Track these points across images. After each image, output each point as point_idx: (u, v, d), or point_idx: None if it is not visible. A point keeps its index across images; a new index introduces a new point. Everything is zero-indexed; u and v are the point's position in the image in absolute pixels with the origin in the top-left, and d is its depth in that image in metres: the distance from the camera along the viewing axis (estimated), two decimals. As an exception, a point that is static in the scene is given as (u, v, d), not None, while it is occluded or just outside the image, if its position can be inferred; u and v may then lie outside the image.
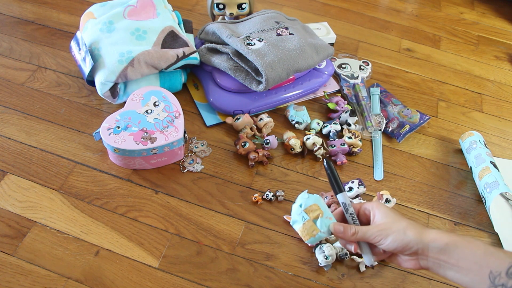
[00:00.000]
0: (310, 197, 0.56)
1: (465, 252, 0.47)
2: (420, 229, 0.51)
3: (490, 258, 0.46)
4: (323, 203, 0.55)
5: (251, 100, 0.85)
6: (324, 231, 0.54)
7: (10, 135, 0.78)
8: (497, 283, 0.44)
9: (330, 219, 0.54)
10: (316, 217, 0.54)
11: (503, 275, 0.44)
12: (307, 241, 0.55)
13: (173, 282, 0.63)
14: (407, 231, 0.50)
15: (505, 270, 0.44)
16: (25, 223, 0.67)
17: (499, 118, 0.98)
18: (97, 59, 0.79)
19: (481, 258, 0.46)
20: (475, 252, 0.47)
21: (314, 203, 0.55)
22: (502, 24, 1.29)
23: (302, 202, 0.55)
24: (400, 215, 0.53)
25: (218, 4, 0.93)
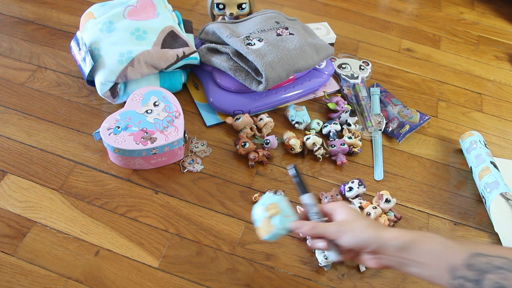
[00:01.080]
0: (272, 197, 0.58)
1: (424, 248, 0.48)
2: (379, 227, 0.52)
3: (449, 252, 0.47)
4: (285, 204, 0.57)
5: (251, 100, 0.85)
6: (280, 228, 0.56)
7: (10, 135, 0.78)
8: (456, 275, 0.45)
9: (288, 217, 0.56)
10: (273, 215, 0.56)
11: (462, 267, 0.45)
12: (264, 238, 0.57)
13: (173, 282, 0.63)
14: (365, 228, 0.51)
15: (464, 262, 0.45)
16: (25, 223, 0.67)
17: (499, 118, 0.98)
18: (97, 59, 0.79)
19: (440, 252, 0.47)
20: (433, 247, 0.48)
21: (274, 202, 0.57)
22: (502, 24, 1.29)
23: (263, 201, 0.58)
24: (362, 215, 0.54)
25: (218, 4, 0.93)
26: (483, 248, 0.46)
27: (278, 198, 0.58)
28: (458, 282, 0.45)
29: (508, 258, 0.44)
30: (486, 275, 0.44)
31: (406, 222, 0.75)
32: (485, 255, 0.45)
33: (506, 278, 0.43)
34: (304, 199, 0.58)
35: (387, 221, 0.72)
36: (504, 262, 0.44)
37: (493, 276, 0.43)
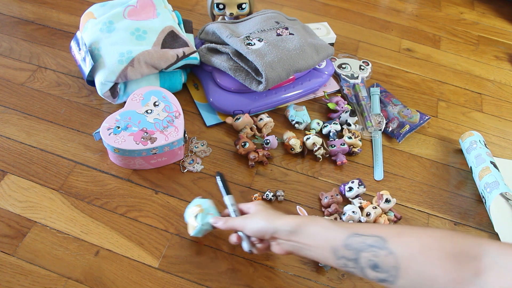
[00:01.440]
0: (198, 200, 0.66)
1: (311, 230, 0.53)
2: (275, 216, 0.57)
3: (330, 233, 0.51)
4: (208, 204, 0.65)
5: (251, 100, 0.85)
6: (203, 224, 0.63)
7: (10, 135, 0.78)
8: (339, 255, 0.49)
9: (211, 214, 0.64)
10: (197, 213, 0.63)
11: (342, 247, 0.49)
12: (192, 234, 0.64)
13: (173, 282, 0.63)
14: (263, 218, 0.57)
15: (342, 243, 0.49)
16: (25, 223, 0.67)
17: (499, 118, 0.98)
18: (97, 59, 0.79)
19: (322, 234, 0.52)
20: (318, 230, 0.52)
21: (199, 203, 0.65)
22: (502, 24, 1.29)
23: (190, 204, 0.66)
24: (272, 210, 0.59)
25: (218, 4, 0.93)
26: (359, 229, 0.50)
27: (204, 201, 0.66)
28: (341, 262, 0.49)
29: (379, 236, 0.48)
30: (361, 253, 0.48)
31: (406, 222, 0.75)
32: (360, 235, 0.49)
33: (376, 255, 0.47)
34: (226, 200, 0.66)
35: (387, 221, 0.72)
36: (375, 240, 0.47)
37: (367, 254, 0.47)
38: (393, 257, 0.46)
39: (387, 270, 0.46)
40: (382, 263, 0.46)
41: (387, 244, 0.47)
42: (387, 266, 0.46)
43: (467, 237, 0.46)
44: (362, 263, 0.48)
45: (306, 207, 0.75)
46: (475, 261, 0.43)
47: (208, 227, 0.63)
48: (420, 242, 0.46)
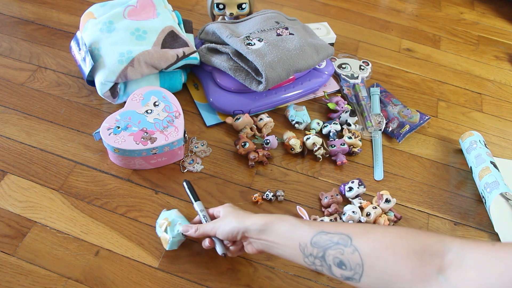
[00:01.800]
0: (164, 213, 0.66)
1: (279, 229, 0.53)
2: (244, 216, 0.58)
3: (297, 231, 0.52)
4: (175, 215, 0.65)
5: (251, 100, 0.85)
6: (174, 236, 0.63)
7: (10, 135, 0.78)
8: (306, 253, 0.50)
9: (179, 224, 0.64)
10: (166, 227, 0.63)
11: (309, 245, 0.50)
12: (167, 248, 0.64)
13: (173, 282, 0.63)
14: (232, 219, 0.58)
15: (309, 241, 0.50)
16: (25, 223, 0.67)
17: (499, 118, 0.98)
18: (97, 59, 0.79)
19: (290, 232, 0.52)
20: (285, 228, 0.53)
21: (165, 216, 0.65)
22: (502, 24, 1.29)
23: (158, 220, 0.66)
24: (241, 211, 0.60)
25: (218, 4, 0.93)
26: (327, 227, 0.51)
27: (169, 212, 0.66)
28: (309, 260, 0.50)
29: (345, 234, 0.48)
30: (327, 251, 0.48)
31: (406, 222, 0.75)
32: (327, 233, 0.49)
33: (342, 253, 0.47)
34: (195, 207, 0.67)
35: (387, 221, 0.72)
36: (341, 238, 0.48)
37: (333, 251, 0.48)
38: (358, 255, 0.46)
39: (352, 267, 0.47)
40: (347, 261, 0.47)
41: (353, 241, 0.47)
42: (352, 264, 0.47)
43: (430, 235, 0.47)
44: (328, 260, 0.48)
45: (306, 207, 0.75)
46: (438, 257, 0.43)
47: (180, 237, 0.63)
48: (385, 240, 0.47)
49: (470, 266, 0.42)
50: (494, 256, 0.42)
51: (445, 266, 0.43)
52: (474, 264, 0.42)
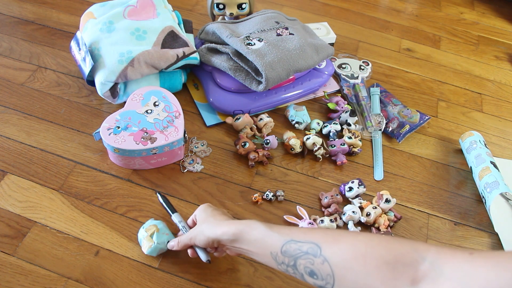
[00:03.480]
0: (152, 220, 0.67)
1: (250, 238, 0.52)
2: (215, 225, 0.57)
3: (268, 240, 0.51)
4: (163, 225, 0.66)
5: (251, 100, 0.85)
6: (159, 242, 0.64)
7: (10, 135, 0.78)
8: (278, 261, 0.49)
9: (166, 235, 0.65)
10: (152, 233, 0.64)
11: (279, 254, 0.49)
12: (146, 252, 0.64)
13: (173, 282, 0.63)
14: (204, 229, 0.58)
15: (280, 250, 0.49)
16: (25, 223, 0.67)
17: (499, 118, 0.98)
18: (97, 59, 0.79)
19: (261, 241, 0.51)
20: (256, 237, 0.52)
21: (153, 224, 0.66)
22: (502, 24, 1.29)
23: (144, 225, 0.67)
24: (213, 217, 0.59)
25: (218, 4, 0.93)
26: (296, 235, 0.49)
27: (158, 222, 0.67)
28: (283, 267, 0.49)
29: (314, 243, 0.47)
30: (298, 260, 0.47)
31: (406, 222, 0.75)
32: (296, 241, 0.48)
33: (312, 263, 0.46)
34: (173, 219, 0.67)
35: (387, 221, 0.72)
36: (310, 247, 0.47)
37: (303, 261, 0.47)
38: (328, 265, 0.45)
39: (323, 277, 0.46)
40: (318, 271, 0.46)
41: (322, 251, 0.46)
42: (323, 274, 0.45)
43: (404, 243, 0.44)
44: (300, 269, 0.47)
45: (306, 207, 0.75)
46: (411, 268, 0.41)
47: (163, 246, 0.64)
48: (355, 250, 0.45)
49: (445, 278, 0.39)
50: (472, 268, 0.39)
51: (419, 278, 0.41)
52: (449, 277, 0.39)
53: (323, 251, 0.46)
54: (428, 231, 0.75)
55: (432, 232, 0.75)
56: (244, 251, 0.54)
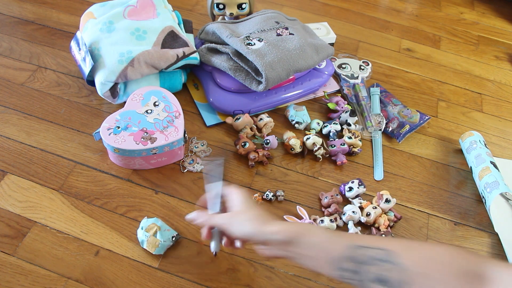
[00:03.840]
0: (148, 220, 0.67)
1: (309, 241, 0.50)
2: (264, 221, 0.53)
3: (330, 245, 0.49)
4: (161, 222, 0.66)
5: (251, 100, 0.85)
6: (165, 240, 0.64)
7: (10, 135, 0.78)
8: (337, 266, 0.47)
9: (168, 231, 0.65)
10: (155, 232, 0.65)
11: (342, 259, 0.47)
12: (154, 252, 0.64)
13: (173, 282, 0.63)
14: (250, 222, 0.53)
15: (343, 254, 0.47)
16: (25, 223, 0.67)
17: (499, 118, 0.98)
18: (97, 59, 0.79)
19: (322, 245, 0.49)
20: (316, 240, 0.50)
21: (152, 223, 0.66)
22: (502, 24, 1.29)
23: (142, 225, 0.66)
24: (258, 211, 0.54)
25: (218, 4, 0.93)
26: (363, 240, 0.48)
27: (154, 219, 0.67)
28: (338, 273, 0.47)
29: (385, 249, 0.46)
30: (365, 267, 0.45)
31: (406, 222, 0.75)
32: (363, 247, 0.47)
33: (386, 269, 0.44)
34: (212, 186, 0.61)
35: (387, 221, 0.72)
36: (383, 253, 0.45)
37: (373, 267, 0.45)
38: (405, 273, 0.44)
39: (395, 285, 0.44)
40: (392, 278, 0.44)
41: (398, 259, 0.45)
42: (397, 282, 0.44)
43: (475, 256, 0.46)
44: (366, 276, 0.45)
45: (306, 207, 0.75)
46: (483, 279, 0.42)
47: (169, 242, 0.65)
48: (433, 258, 0.45)
49: None
50: None
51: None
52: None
53: (398, 258, 0.45)
54: (428, 231, 0.75)
55: (432, 232, 0.75)
56: (295, 255, 0.51)
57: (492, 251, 0.74)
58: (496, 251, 0.74)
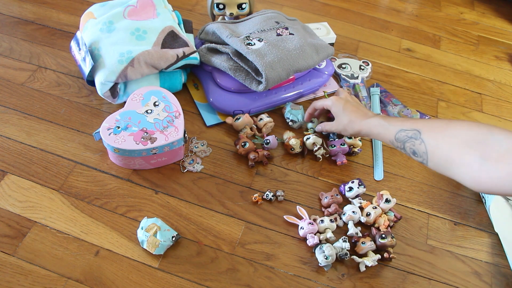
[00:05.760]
0: (148, 220, 0.67)
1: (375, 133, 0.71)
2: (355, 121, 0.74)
3: (386, 132, 0.68)
4: (161, 222, 0.66)
5: (251, 100, 0.85)
6: (165, 240, 0.64)
7: (10, 135, 0.78)
8: (396, 146, 0.67)
9: (168, 231, 0.65)
10: (155, 232, 0.65)
11: (394, 141, 0.66)
12: (154, 252, 0.64)
13: (173, 282, 0.63)
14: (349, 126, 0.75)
15: (394, 137, 0.66)
16: (25, 223, 0.67)
17: (499, 118, 0.98)
18: (97, 59, 0.79)
19: (383, 134, 0.69)
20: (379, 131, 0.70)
21: (152, 223, 0.66)
22: (502, 24, 1.29)
23: (142, 225, 0.66)
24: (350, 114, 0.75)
25: (218, 4, 0.93)
26: (405, 125, 0.65)
27: (154, 219, 0.67)
28: (399, 149, 0.66)
29: (416, 129, 0.63)
30: (405, 144, 0.64)
31: (406, 222, 0.75)
32: (405, 130, 0.65)
33: (414, 144, 0.63)
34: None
35: (387, 221, 0.72)
36: (414, 133, 0.63)
37: (408, 144, 0.64)
38: (424, 145, 0.61)
39: (421, 155, 0.62)
40: (417, 150, 0.62)
41: (422, 135, 0.62)
42: (420, 152, 0.62)
43: (481, 126, 0.58)
44: (407, 150, 0.64)
45: (306, 207, 0.75)
46: (484, 145, 0.55)
47: (169, 242, 0.65)
48: (445, 134, 0.60)
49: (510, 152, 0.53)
50: None
51: (488, 153, 0.54)
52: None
53: (422, 135, 0.62)
54: (428, 231, 0.75)
55: (432, 232, 0.75)
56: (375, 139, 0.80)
57: (492, 251, 0.74)
58: (496, 251, 0.74)
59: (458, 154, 0.57)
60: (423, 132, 0.62)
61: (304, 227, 0.70)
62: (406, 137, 0.64)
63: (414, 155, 0.63)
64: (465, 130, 0.58)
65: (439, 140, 0.60)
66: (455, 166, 0.58)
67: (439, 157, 0.60)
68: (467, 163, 0.56)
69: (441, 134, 0.60)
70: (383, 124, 0.69)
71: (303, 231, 0.70)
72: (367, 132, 0.72)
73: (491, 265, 0.72)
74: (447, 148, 0.59)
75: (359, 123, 0.73)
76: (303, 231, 0.70)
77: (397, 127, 0.66)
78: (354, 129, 0.74)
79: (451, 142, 0.58)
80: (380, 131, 0.69)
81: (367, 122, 0.72)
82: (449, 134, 0.59)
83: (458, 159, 0.57)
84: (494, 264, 0.72)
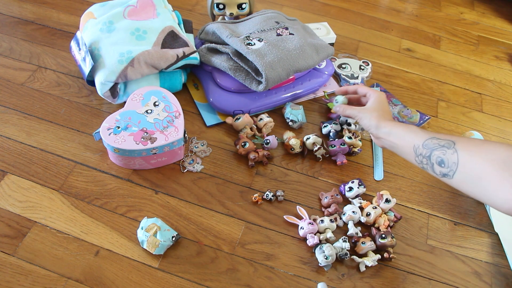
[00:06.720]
0: (148, 220, 0.67)
1: (400, 134, 0.67)
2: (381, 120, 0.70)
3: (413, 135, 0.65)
4: (161, 222, 0.66)
5: (251, 100, 0.85)
6: (165, 240, 0.64)
7: (10, 135, 0.78)
8: (418, 153, 0.63)
9: (168, 231, 0.65)
10: (155, 232, 0.65)
11: (421, 146, 0.63)
12: (154, 252, 0.64)
13: (173, 282, 0.63)
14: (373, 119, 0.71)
15: (422, 143, 0.63)
16: (25, 223, 0.67)
17: (499, 118, 0.98)
18: (97, 59, 0.79)
19: (409, 137, 0.65)
20: (405, 133, 0.66)
21: (152, 223, 0.66)
22: (502, 24, 1.29)
23: (142, 225, 0.66)
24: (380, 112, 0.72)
25: (218, 4, 0.93)
26: (437, 134, 0.63)
27: (154, 219, 0.67)
28: (419, 159, 0.63)
29: (451, 140, 0.60)
30: (434, 152, 0.61)
31: (406, 222, 0.75)
32: (436, 138, 0.62)
33: (444, 153, 0.59)
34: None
35: (387, 221, 0.72)
36: (447, 143, 0.60)
37: (437, 152, 0.60)
38: (456, 155, 0.58)
39: (449, 165, 0.58)
40: (447, 160, 0.59)
41: (456, 146, 0.59)
42: (450, 162, 0.58)
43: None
44: (432, 159, 0.61)
45: (306, 207, 0.75)
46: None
47: (169, 242, 0.65)
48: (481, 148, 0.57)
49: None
50: None
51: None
52: None
53: (456, 145, 0.59)
54: (428, 231, 0.75)
55: (432, 232, 0.75)
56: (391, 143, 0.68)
57: (492, 251, 0.74)
58: (496, 251, 0.74)
59: (492, 171, 0.54)
60: (458, 143, 0.59)
61: (304, 227, 0.70)
62: (437, 145, 0.61)
63: (440, 165, 0.60)
64: (503, 149, 0.55)
65: (474, 153, 0.57)
66: (485, 182, 0.55)
67: (470, 170, 0.56)
68: (500, 182, 0.53)
69: (477, 148, 0.57)
70: (413, 129, 0.66)
71: (303, 231, 0.70)
72: (391, 129, 0.68)
73: (491, 265, 0.72)
74: (481, 163, 0.55)
75: (388, 119, 0.71)
76: (303, 231, 0.70)
77: (429, 134, 0.63)
78: (380, 121, 0.70)
79: (487, 158, 0.55)
80: (407, 132, 0.66)
81: (395, 122, 0.70)
82: (485, 150, 0.56)
83: (490, 176, 0.54)
84: (494, 264, 0.72)
